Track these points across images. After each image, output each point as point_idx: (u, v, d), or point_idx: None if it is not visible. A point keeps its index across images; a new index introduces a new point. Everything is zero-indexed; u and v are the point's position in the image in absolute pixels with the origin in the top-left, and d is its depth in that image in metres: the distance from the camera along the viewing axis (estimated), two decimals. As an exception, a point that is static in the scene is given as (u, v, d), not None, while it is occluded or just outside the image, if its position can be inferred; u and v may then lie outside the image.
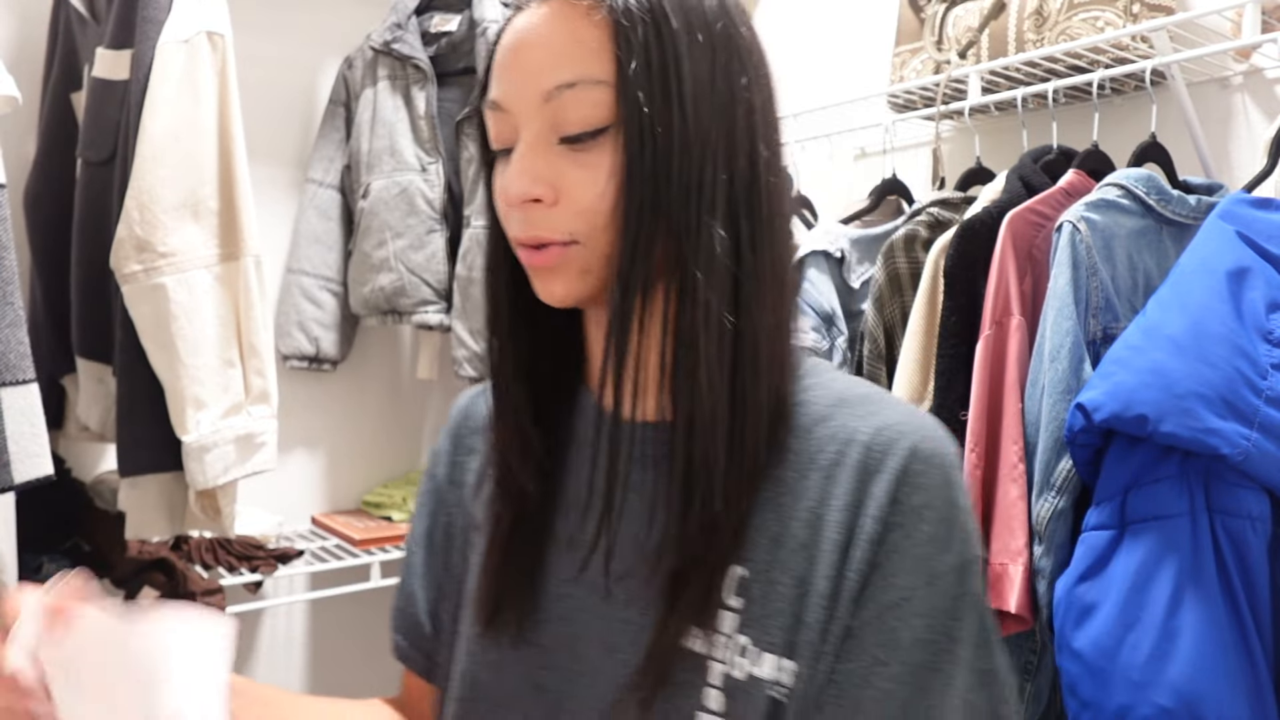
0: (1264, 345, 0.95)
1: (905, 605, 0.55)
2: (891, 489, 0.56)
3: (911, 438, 0.57)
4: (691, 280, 0.56)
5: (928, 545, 0.56)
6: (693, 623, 0.57)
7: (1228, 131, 1.36)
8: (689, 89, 0.56)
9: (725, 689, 0.56)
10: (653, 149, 0.55)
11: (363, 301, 1.74)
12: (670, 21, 0.57)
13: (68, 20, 1.41)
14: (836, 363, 1.39)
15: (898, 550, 0.55)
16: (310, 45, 1.86)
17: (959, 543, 0.56)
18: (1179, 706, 0.90)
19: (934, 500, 0.56)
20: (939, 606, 0.55)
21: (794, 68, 2.06)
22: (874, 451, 0.57)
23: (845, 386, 0.62)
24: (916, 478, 0.56)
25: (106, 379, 1.31)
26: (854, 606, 0.56)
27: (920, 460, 0.57)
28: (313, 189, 1.80)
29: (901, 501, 0.56)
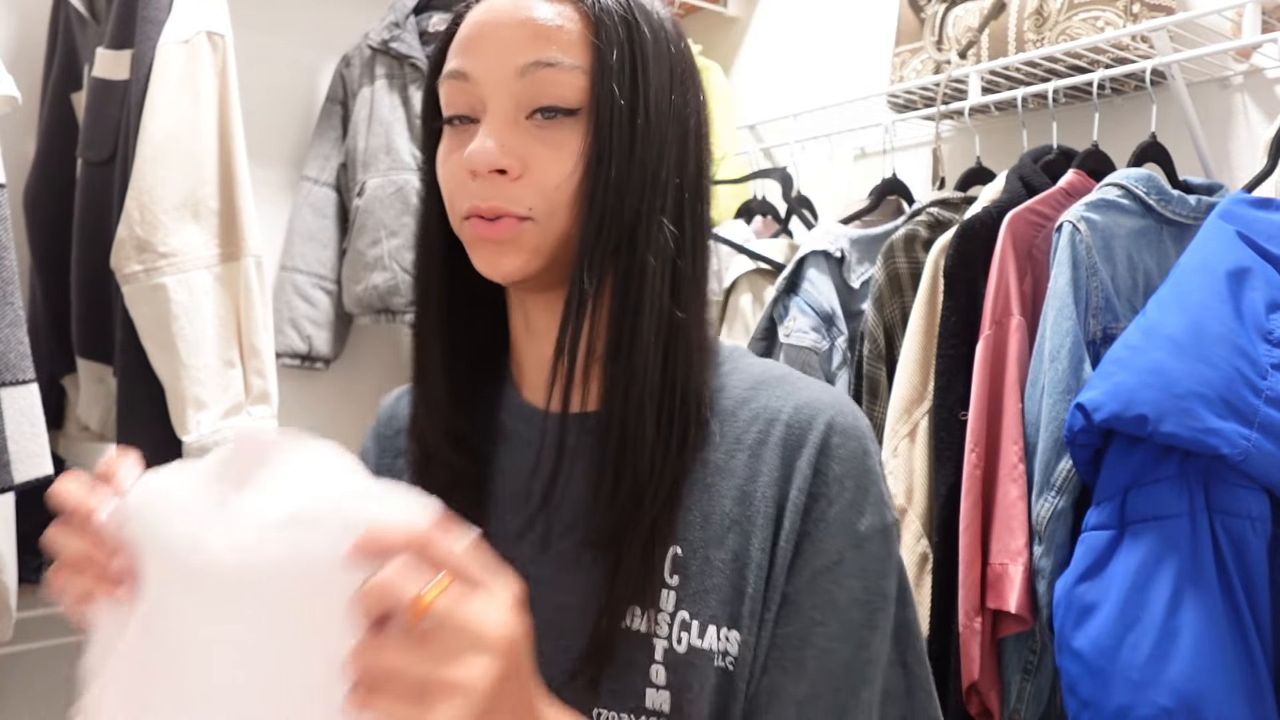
0: (1264, 345, 0.95)
1: (837, 568, 0.59)
2: (814, 461, 0.60)
3: (828, 413, 0.61)
4: (640, 268, 0.59)
5: (850, 511, 0.60)
6: (633, 602, 0.59)
7: (1228, 131, 1.36)
8: (654, 90, 0.60)
9: (667, 663, 0.59)
10: (620, 138, 0.59)
11: (356, 300, 1.74)
12: (641, 27, 0.60)
13: (68, 20, 1.41)
14: (836, 363, 1.39)
15: (824, 518, 0.59)
16: (310, 45, 1.86)
17: (878, 507, 0.61)
18: (1179, 706, 0.90)
19: (852, 469, 0.60)
20: (869, 568, 0.60)
21: (794, 68, 2.06)
22: (794, 429, 0.61)
23: (762, 370, 0.66)
24: (835, 450, 0.60)
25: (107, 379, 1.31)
26: (789, 574, 0.59)
27: (838, 433, 0.61)
28: (308, 186, 1.80)
29: (823, 472, 0.60)
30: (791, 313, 1.42)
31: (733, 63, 2.20)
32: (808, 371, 1.39)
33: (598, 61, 0.59)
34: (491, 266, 0.61)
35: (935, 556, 1.18)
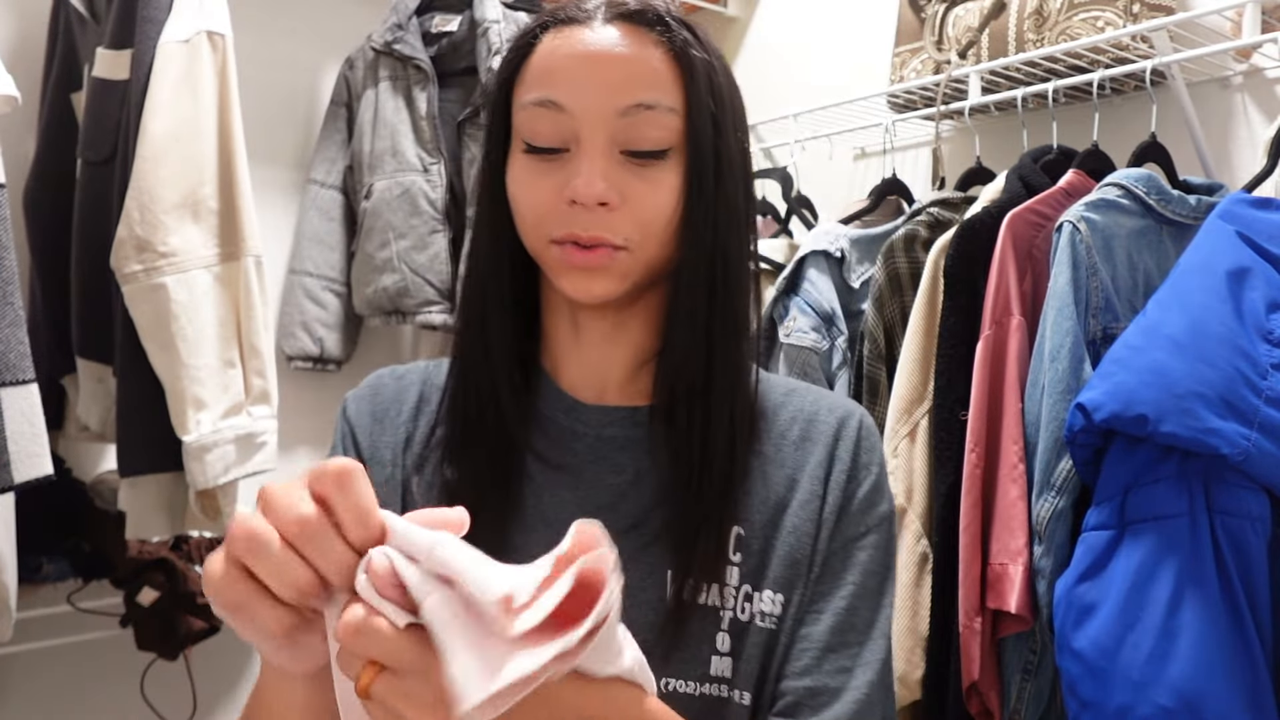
0: (1264, 345, 0.95)
1: (863, 539, 0.70)
2: (853, 450, 0.71)
3: (856, 414, 0.74)
4: (722, 283, 0.67)
5: (874, 493, 0.71)
6: (707, 580, 0.66)
7: (1228, 131, 1.36)
8: (730, 127, 0.67)
9: (731, 632, 0.66)
10: (711, 172, 0.65)
11: (366, 302, 1.74)
12: (715, 66, 0.67)
13: (67, 20, 1.41)
14: (836, 363, 1.39)
15: (855, 496, 0.70)
16: (311, 45, 1.86)
17: (889, 494, 0.73)
18: (1179, 706, 0.90)
19: (875, 460, 0.73)
20: (882, 542, 0.71)
21: (794, 68, 2.06)
22: (833, 424, 0.72)
23: (782, 380, 0.77)
24: (865, 441, 0.72)
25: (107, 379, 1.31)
26: (828, 540, 0.69)
27: (866, 430, 0.73)
28: (315, 190, 1.80)
29: (859, 459, 0.71)
30: (791, 313, 1.42)
31: (733, 63, 2.20)
32: (808, 371, 1.39)
33: (691, 102, 0.65)
34: (583, 290, 0.66)
35: (935, 556, 1.18)
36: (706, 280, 0.67)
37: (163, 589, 1.41)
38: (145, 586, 1.41)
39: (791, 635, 0.67)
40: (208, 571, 0.47)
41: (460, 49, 1.75)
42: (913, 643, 1.18)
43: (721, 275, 0.68)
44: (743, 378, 0.70)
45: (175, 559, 1.45)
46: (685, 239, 0.66)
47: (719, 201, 0.66)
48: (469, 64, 1.75)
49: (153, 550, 1.45)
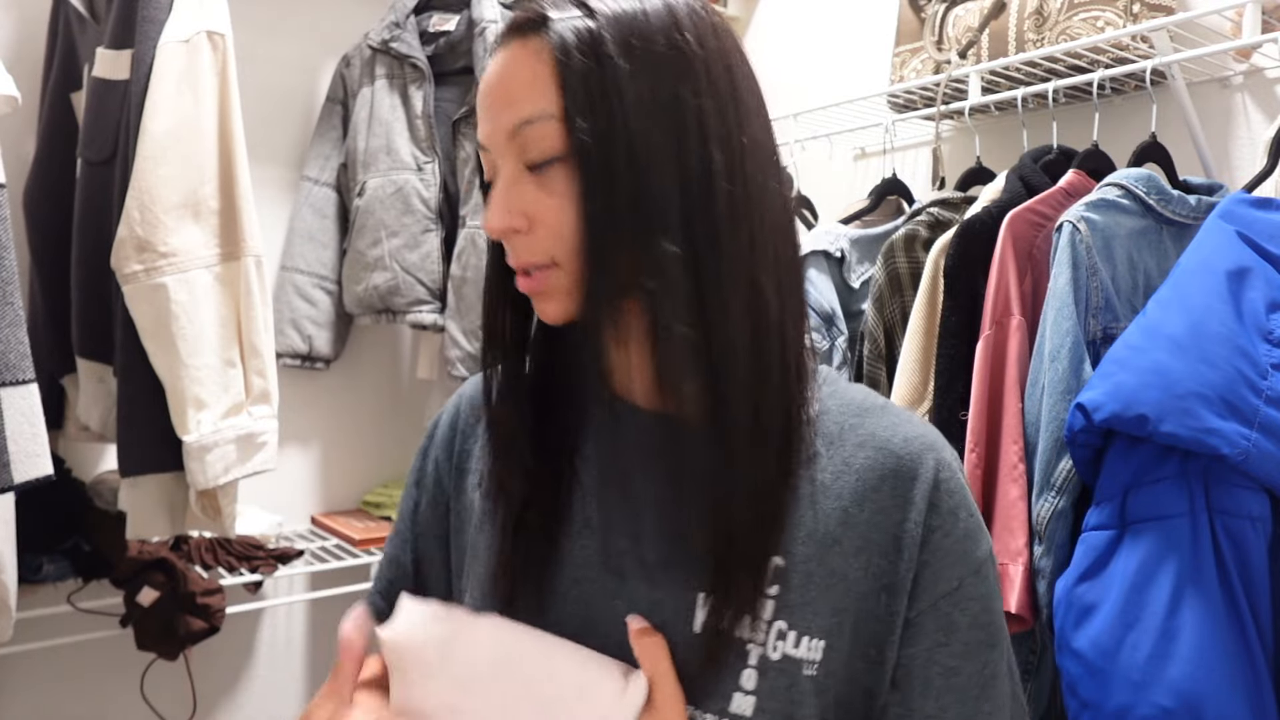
0: (1264, 345, 0.95)
1: (957, 593, 0.63)
2: (929, 495, 0.63)
3: (936, 449, 0.65)
4: (648, 294, 0.60)
5: (966, 541, 0.64)
6: (738, 610, 0.61)
7: (1228, 131, 1.36)
8: (630, 110, 0.59)
9: (760, 668, 0.61)
10: (601, 172, 0.59)
11: (357, 300, 1.74)
12: (607, 48, 0.59)
13: (67, 20, 1.41)
14: (836, 363, 1.39)
15: (941, 548, 0.63)
16: (311, 45, 1.85)
17: (985, 536, 0.65)
18: (1179, 706, 0.90)
19: (963, 502, 0.64)
20: (984, 592, 0.64)
21: (794, 68, 2.06)
22: (906, 460, 0.64)
23: (862, 396, 0.68)
24: (946, 484, 0.64)
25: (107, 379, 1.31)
26: (910, 600, 0.62)
27: (946, 469, 0.64)
28: (308, 186, 1.80)
29: (938, 505, 0.63)
30: (791, 313, 1.42)
31: (733, 63, 2.20)
32: (808, 371, 1.39)
33: (566, 103, 0.59)
34: (542, 313, 0.64)
35: (935, 556, 1.18)
36: (665, 284, 0.60)
37: (163, 589, 1.41)
38: (145, 586, 1.40)
39: (889, 703, 0.63)
40: None
41: (458, 48, 1.75)
42: (913, 643, 1.18)
43: (693, 273, 0.60)
44: (727, 394, 0.61)
45: (175, 559, 1.45)
46: (584, 244, 0.60)
47: (621, 199, 0.59)
48: (466, 64, 1.75)
49: (153, 550, 1.45)
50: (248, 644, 1.84)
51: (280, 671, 1.88)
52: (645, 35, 0.60)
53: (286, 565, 1.60)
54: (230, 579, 1.52)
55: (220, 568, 1.54)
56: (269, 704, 1.86)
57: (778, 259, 0.63)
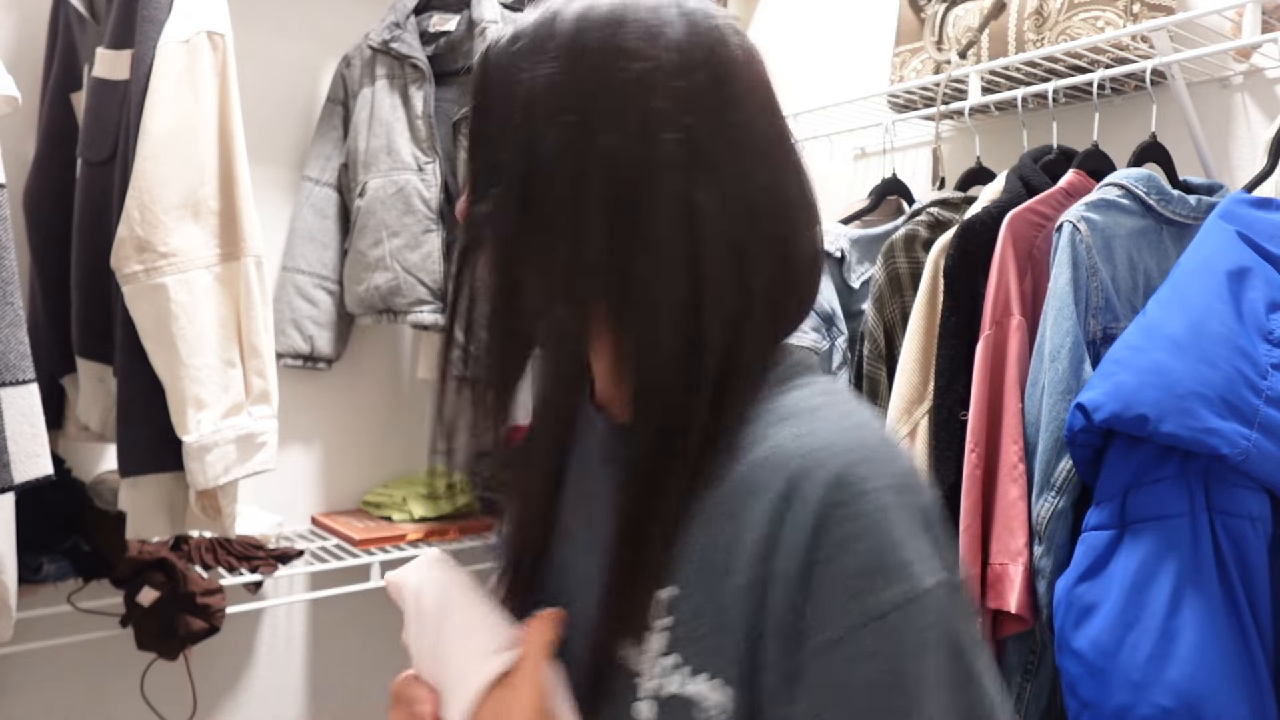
0: (1264, 345, 0.95)
1: (845, 645, 0.50)
2: (813, 520, 0.51)
3: (839, 461, 0.52)
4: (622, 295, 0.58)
5: (859, 580, 0.50)
6: (622, 637, 0.56)
7: (1228, 131, 1.36)
8: (519, 129, 0.57)
9: (658, 701, 0.55)
10: (504, 192, 0.58)
11: (358, 300, 1.74)
12: (498, 69, 0.59)
13: (67, 20, 1.41)
14: (836, 363, 1.39)
15: (824, 586, 0.50)
16: (311, 45, 1.85)
17: (901, 575, 0.50)
18: (1179, 706, 0.90)
19: (864, 531, 0.50)
20: (888, 647, 0.49)
21: (794, 68, 2.06)
22: (796, 478, 0.52)
23: (796, 401, 0.58)
24: (840, 508, 0.51)
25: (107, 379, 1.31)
26: (787, 646, 0.51)
27: (847, 487, 0.51)
28: (309, 187, 1.80)
29: (824, 533, 0.51)
30: (791, 313, 1.42)
31: (733, 63, 2.20)
32: (808, 371, 1.39)
33: (477, 124, 0.60)
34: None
35: (935, 556, 1.18)
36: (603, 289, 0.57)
37: (163, 589, 1.41)
38: (145, 586, 1.40)
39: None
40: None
41: (458, 49, 1.75)
42: (913, 643, 1.18)
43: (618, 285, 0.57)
44: (648, 411, 0.57)
45: (175, 559, 1.45)
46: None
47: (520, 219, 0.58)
48: (466, 64, 1.75)
49: (153, 550, 1.45)
50: (248, 644, 1.84)
51: (280, 671, 1.88)
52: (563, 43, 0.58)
53: (286, 565, 1.60)
54: (230, 579, 1.52)
55: (220, 568, 1.54)
56: (269, 704, 1.86)
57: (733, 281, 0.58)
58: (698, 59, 0.57)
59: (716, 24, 0.59)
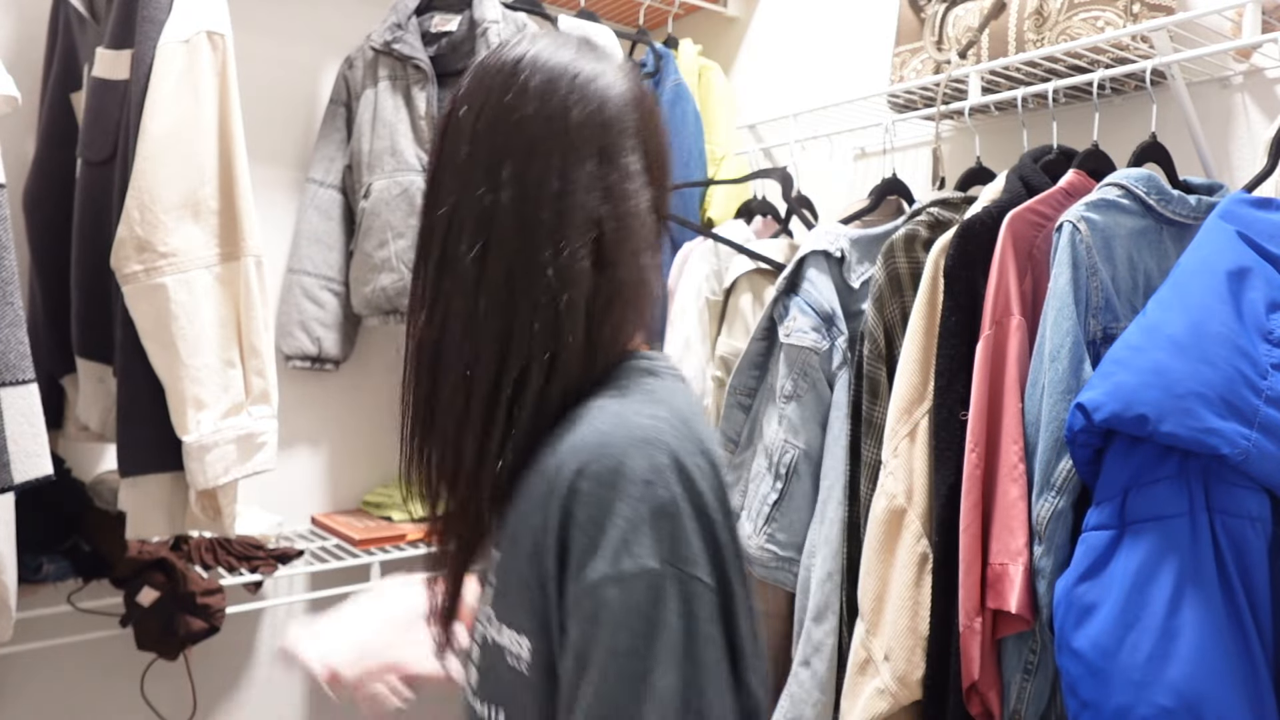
0: (1264, 345, 0.95)
1: (575, 610, 0.61)
2: (561, 505, 0.62)
3: (585, 454, 0.62)
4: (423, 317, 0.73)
5: (584, 555, 0.60)
6: (451, 591, 0.73)
7: (1228, 131, 1.36)
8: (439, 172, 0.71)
9: (481, 646, 0.70)
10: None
11: (365, 301, 1.74)
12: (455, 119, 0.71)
13: (67, 20, 1.41)
14: (836, 363, 1.39)
15: (570, 559, 0.61)
16: (311, 45, 1.85)
17: (614, 556, 0.59)
18: (1179, 706, 0.90)
19: (596, 515, 0.60)
20: (592, 616, 0.59)
21: (794, 68, 2.06)
22: (554, 466, 0.63)
23: (596, 404, 0.66)
24: (581, 496, 0.61)
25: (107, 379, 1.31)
26: (557, 606, 0.63)
27: (587, 478, 0.61)
28: (313, 189, 1.80)
29: (571, 514, 0.61)
30: (791, 313, 1.42)
31: (733, 63, 2.20)
32: (808, 372, 1.39)
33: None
34: None
35: (935, 556, 1.18)
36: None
37: (163, 589, 1.41)
38: (145, 586, 1.40)
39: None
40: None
41: (460, 49, 1.75)
42: (913, 643, 1.18)
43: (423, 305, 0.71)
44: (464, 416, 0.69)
45: (175, 559, 1.45)
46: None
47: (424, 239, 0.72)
48: (468, 64, 1.75)
49: (153, 550, 1.45)
50: (248, 644, 1.84)
51: (280, 672, 1.88)
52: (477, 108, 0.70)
53: (287, 565, 1.60)
54: (230, 579, 1.52)
55: (220, 568, 1.54)
56: (269, 704, 1.86)
57: (537, 300, 0.67)
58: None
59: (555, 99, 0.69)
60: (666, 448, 0.62)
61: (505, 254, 0.67)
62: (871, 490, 1.28)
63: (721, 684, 0.61)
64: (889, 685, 1.18)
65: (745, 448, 1.51)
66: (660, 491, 0.61)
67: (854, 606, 1.28)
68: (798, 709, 1.33)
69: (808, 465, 1.40)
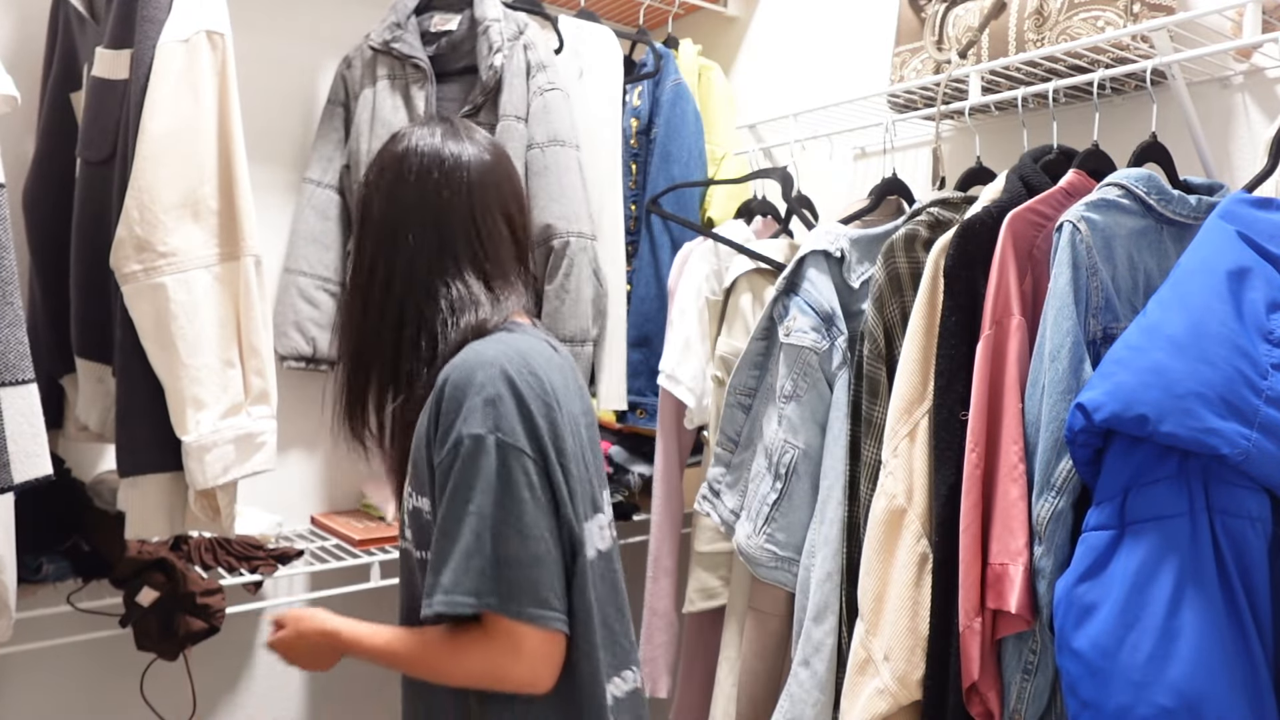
0: (1264, 345, 0.95)
1: (441, 462, 0.97)
2: (436, 400, 0.98)
3: (450, 371, 0.98)
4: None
5: (444, 432, 0.96)
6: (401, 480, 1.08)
7: (1228, 131, 1.36)
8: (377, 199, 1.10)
9: (408, 513, 1.04)
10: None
11: None
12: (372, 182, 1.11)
13: (66, 19, 1.41)
14: (836, 362, 1.39)
15: (438, 435, 0.97)
16: (310, 45, 1.85)
17: (458, 427, 0.95)
18: (1179, 706, 0.90)
19: (450, 405, 0.96)
20: (456, 464, 0.95)
21: (794, 68, 2.06)
22: (441, 379, 0.99)
23: (474, 345, 1.01)
24: (445, 395, 0.97)
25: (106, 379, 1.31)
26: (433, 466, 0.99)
27: (450, 384, 0.97)
28: (310, 189, 1.79)
29: (440, 406, 0.98)
30: (791, 312, 1.42)
31: (733, 63, 2.20)
32: (808, 371, 1.39)
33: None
34: None
35: (935, 556, 1.18)
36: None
37: (163, 589, 1.41)
38: (145, 587, 1.40)
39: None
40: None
41: (460, 48, 1.75)
42: (913, 643, 1.18)
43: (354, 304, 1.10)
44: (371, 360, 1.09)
45: (175, 559, 1.45)
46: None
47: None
48: (469, 63, 1.75)
49: (152, 550, 1.45)
50: (247, 644, 1.84)
51: (280, 672, 1.88)
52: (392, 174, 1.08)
53: (286, 565, 1.60)
54: (230, 579, 1.52)
55: (220, 568, 1.54)
56: (269, 704, 1.86)
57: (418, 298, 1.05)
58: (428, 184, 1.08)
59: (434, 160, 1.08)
60: (499, 365, 0.97)
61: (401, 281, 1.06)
62: (871, 490, 1.27)
63: (532, 510, 0.95)
64: (889, 685, 1.18)
65: (745, 448, 1.51)
66: (489, 389, 0.96)
67: (854, 606, 1.27)
68: (798, 709, 1.33)
69: (807, 465, 1.40)
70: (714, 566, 1.59)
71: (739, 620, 1.53)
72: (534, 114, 1.72)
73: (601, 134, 1.85)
